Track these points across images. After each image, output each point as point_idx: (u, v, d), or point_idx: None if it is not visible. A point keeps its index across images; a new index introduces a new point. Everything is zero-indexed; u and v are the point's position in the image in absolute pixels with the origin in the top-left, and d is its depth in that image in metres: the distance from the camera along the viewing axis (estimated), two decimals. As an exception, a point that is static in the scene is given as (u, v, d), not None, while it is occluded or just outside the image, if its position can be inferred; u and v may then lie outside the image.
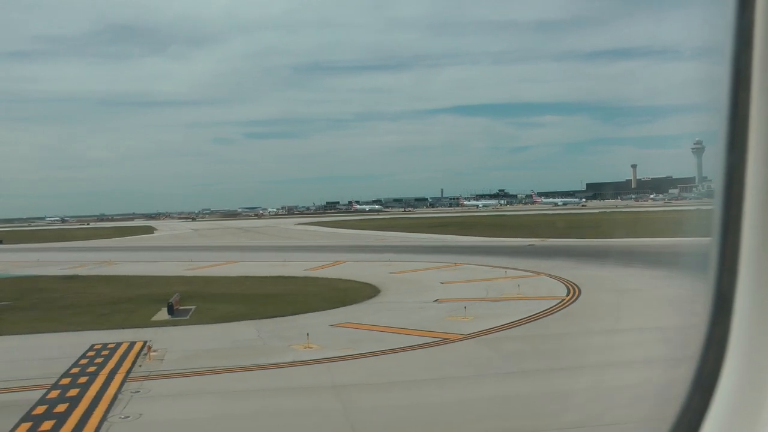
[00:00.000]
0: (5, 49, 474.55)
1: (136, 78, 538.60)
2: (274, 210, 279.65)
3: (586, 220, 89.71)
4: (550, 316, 22.22)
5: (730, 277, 2.26)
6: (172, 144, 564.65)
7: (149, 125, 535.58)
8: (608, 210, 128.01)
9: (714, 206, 2.35)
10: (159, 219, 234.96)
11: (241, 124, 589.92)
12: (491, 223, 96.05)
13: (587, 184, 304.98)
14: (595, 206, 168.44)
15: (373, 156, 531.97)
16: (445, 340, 18.74)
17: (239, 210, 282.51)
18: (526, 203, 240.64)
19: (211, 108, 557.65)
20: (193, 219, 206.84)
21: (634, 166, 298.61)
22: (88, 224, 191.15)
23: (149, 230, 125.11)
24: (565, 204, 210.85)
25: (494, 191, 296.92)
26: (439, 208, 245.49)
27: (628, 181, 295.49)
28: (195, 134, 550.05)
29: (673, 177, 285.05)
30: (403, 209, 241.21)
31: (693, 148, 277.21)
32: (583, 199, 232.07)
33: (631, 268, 33.68)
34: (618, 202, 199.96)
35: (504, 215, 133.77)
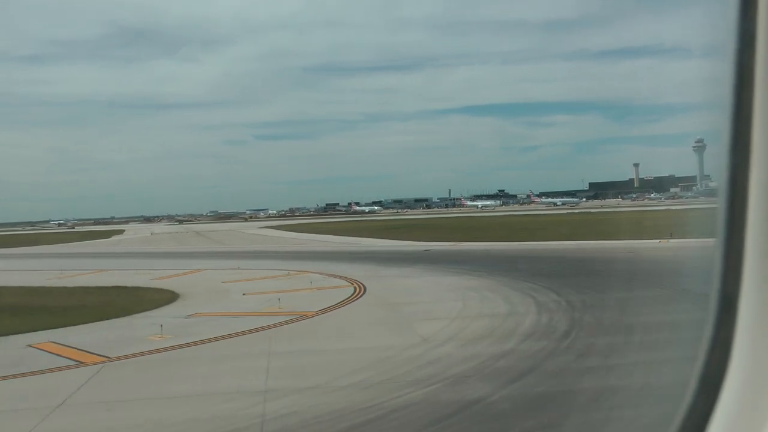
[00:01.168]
0: (20, 53, 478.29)
1: (147, 80, 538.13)
2: (275, 212, 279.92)
3: (554, 221, 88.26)
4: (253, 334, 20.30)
5: (734, 278, 2.26)
6: (183, 146, 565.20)
7: (160, 127, 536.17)
8: (593, 210, 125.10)
9: (718, 206, 2.31)
10: (153, 222, 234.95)
11: (251, 126, 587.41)
12: (448, 226, 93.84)
13: (590, 184, 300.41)
14: (590, 206, 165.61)
15: (384, 156, 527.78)
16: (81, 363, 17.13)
17: (246, 211, 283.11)
18: (523, 203, 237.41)
19: (222, 110, 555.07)
20: (180, 222, 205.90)
21: (636, 165, 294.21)
22: (73, 228, 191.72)
23: (110, 235, 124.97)
24: (563, 204, 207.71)
25: (495, 191, 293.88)
26: (435, 209, 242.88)
27: (631, 180, 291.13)
28: (205, 136, 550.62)
29: (676, 176, 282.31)
30: (396, 210, 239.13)
31: (694, 147, 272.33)
32: (583, 199, 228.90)
33: (457, 276, 31.93)
34: (620, 201, 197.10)
35: (483, 216, 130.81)
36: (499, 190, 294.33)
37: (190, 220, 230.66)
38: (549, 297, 24.35)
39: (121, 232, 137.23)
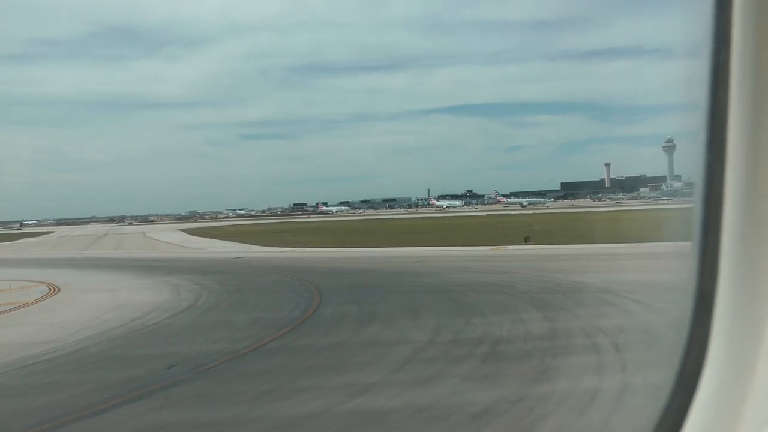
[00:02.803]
0: (2, 52, 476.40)
1: (131, 80, 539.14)
2: (242, 211, 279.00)
3: (468, 224, 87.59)
4: None
5: (710, 276, 2.27)
6: (168, 146, 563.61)
7: (145, 127, 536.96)
8: (544, 212, 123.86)
9: (694, 204, 2.34)
10: (116, 222, 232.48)
11: (235, 126, 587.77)
12: (352, 229, 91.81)
13: (562, 184, 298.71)
14: (555, 206, 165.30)
15: (368, 157, 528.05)
16: None
17: (226, 211, 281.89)
18: (487, 203, 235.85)
19: (206, 110, 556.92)
20: (130, 224, 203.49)
21: (607, 165, 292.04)
22: (20, 228, 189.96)
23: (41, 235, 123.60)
24: (529, 204, 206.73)
25: (464, 191, 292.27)
26: (396, 209, 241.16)
27: (603, 180, 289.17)
28: (190, 136, 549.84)
29: (647, 175, 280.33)
30: (358, 210, 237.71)
31: (664, 147, 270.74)
32: (551, 199, 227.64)
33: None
34: (589, 201, 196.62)
35: (418, 218, 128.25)
36: (467, 191, 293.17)
37: (153, 221, 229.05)
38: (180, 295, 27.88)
39: (51, 233, 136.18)
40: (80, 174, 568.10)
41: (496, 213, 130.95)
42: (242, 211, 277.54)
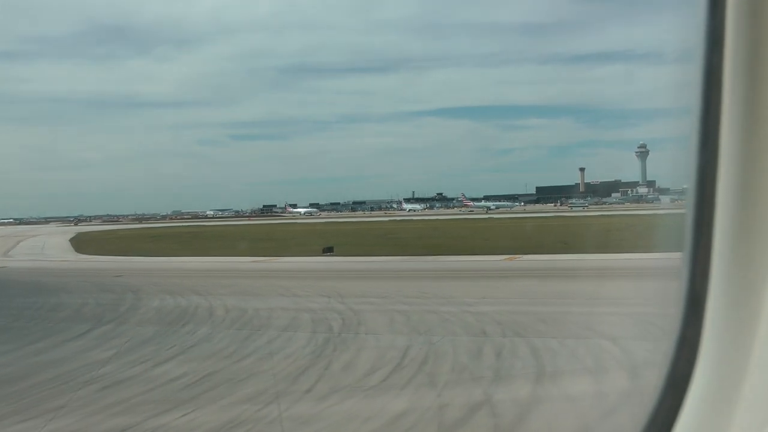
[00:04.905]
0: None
1: (123, 79, 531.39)
2: (213, 212, 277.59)
3: (355, 230, 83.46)
4: None
5: (702, 278, 2.28)
6: (159, 145, 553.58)
7: (136, 126, 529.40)
8: (496, 216, 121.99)
9: (686, 205, 2.36)
10: (81, 222, 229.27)
11: (226, 126, 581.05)
12: (258, 235, 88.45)
13: (537, 188, 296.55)
14: (518, 211, 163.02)
15: (360, 158, 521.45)
16: None
17: (209, 212, 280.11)
18: (453, 207, 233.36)
19: (196, 109, 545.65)
20: (75, 224, 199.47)
21: (582, 170, 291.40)
22: None
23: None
24: (497, 208, 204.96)
25: (434, 194, 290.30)
26: (360, 212, 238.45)
27: (577, 185, 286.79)
28: (180, 135, 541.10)
29: (622, 181, 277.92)
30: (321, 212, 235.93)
31: (637, 152, 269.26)
32: (521, 203, 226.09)
33: None
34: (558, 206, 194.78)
35: (355, 223, 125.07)
36: (438, 194, 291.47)
37: (116, 221, 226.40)
38: None
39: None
40: (72, 172, 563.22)
41: (431, 218, 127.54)
42: (211, 212, 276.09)
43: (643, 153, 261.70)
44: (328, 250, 46.57)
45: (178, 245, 66.80)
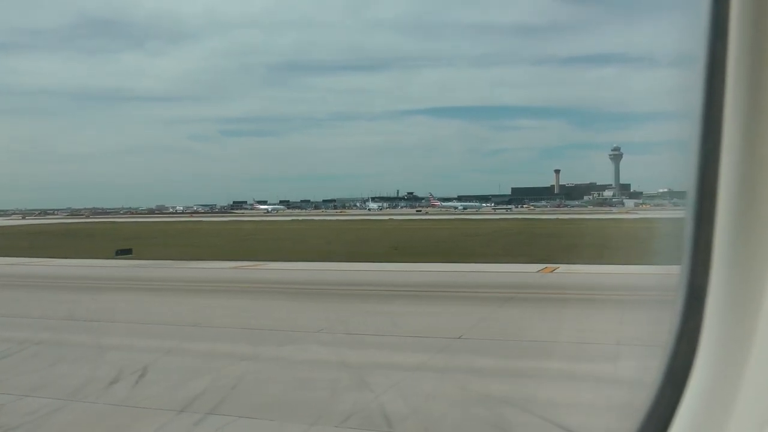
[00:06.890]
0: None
1: (114, 73, 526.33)
2: (180, 207, 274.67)
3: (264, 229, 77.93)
4: None
5: (703, 271, 2.22)
6: (150, 140, 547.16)
7: (127, 121, 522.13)
8: (444, 218, 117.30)
9: (687, 198, 2.30)
10: (48, 215, 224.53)
11: (217, 121, 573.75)
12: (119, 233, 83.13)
13: (512, 189, 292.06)
14: (483, 213, 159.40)
15: (351, 156, 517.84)
16: None
17: (178, 207, 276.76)
18: (421, 207, 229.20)
19: (188, 105, 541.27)
20: (23, 217, 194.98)
21: (557, 171, 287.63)
22: None
23: None
24: (465, 209, 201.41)
25: (405, 193, 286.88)
26: (321, 210, 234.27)
27: (552, 187, 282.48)
28: (172, 131, 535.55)
29: (597, 183, 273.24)
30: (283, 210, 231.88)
31: (611, 155, 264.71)
32: (490, 204, 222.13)
33: None
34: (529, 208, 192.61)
35: (275, 222, 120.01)
36: (408, 193, 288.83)
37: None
38: None
39: None
40: (63, 165, 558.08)
41: (342, 219, 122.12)
42: (180, 207, 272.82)
43: (616, 156, 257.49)
44: (123, 252, 41.73)
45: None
